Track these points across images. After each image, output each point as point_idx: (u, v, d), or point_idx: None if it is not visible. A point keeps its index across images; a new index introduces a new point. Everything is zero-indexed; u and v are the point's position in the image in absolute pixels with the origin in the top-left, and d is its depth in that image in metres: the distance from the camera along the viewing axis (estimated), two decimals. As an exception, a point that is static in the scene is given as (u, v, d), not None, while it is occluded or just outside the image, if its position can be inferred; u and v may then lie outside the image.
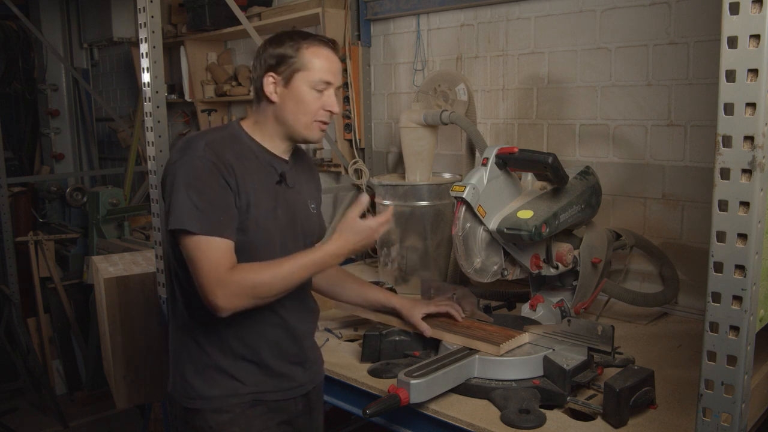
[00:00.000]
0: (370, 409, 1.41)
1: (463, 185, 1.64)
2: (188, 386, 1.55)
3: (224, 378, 1.54)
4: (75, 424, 4.15)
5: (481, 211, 1.64)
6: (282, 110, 1.55)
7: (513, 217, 1.65)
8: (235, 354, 1.54)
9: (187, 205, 1.42)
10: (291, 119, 1.55)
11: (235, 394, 1.54)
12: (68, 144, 5.84)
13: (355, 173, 3.03)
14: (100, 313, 3.01)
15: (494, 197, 1.68)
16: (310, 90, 1.53)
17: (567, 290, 1.91)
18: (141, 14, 2.22)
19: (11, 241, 4.32)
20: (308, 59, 1.52)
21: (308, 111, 1.55)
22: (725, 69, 1.00)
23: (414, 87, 2.90)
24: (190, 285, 1.49)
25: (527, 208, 1.67)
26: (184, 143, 1.51)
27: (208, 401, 1.54)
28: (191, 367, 1.55)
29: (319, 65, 1.53)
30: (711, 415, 1.07)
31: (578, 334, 1.57)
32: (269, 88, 1.54)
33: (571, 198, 1.73)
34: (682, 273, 2.18)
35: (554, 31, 2.42)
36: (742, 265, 1.01)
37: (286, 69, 1.52)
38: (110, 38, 4.98)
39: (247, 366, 1.55)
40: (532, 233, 1.59)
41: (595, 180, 1.86)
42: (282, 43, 1.54)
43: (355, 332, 2.01)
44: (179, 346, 1.59)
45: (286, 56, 1.52)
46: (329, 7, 3.00)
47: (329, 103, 1.56)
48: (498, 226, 1.65)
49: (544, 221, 1.62)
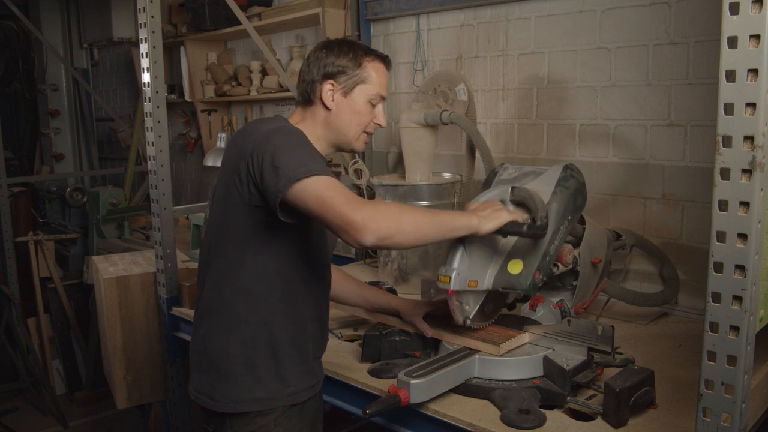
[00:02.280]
0: (370, 409, 1.41)
1: (447, 275, 1.56)
2: (229, 388, 1.52)
3: (272, 378, 1.53)
4: (75, 424, 4.15)
5: (473, 284, 1.58)
6: (336, 118, 1.59)
7: (505, 275, 1.58)
8: (284, 352, 1.54)
9: (303, 157, 1.41)
10: (344, 128, 1.60)
11: (279, 396, 1.53)
12: (68, 144, 5.84)
13: (355, 173, 3.03)
14: (100, 313, 3.01)
15: (479, 261, 1.61)
16: (366, 103, 1.59)
17: (567, 290, 1.91)
18: (141, 14, 2.22)
19: (11, 241, 4.32)
20: (370, 73, 1.59)
21: (362, 122, 1.61)
22: (725, 69, 1.00)
23: (414, 87, 2.90)
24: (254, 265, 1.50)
25: (516, 258, 1.59)
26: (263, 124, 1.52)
27: (254, 403, 1.52)
28: (234, 367, 1.53)
29: (379, 81, 1.60)
30: (711, 415, 1.07)
31: (578, 334, 1.57)
32: (327, 95, 1.57)
33: (556, 223, 1.62)
34: (682, 273, 2.18)
35: (554, 31, 2.42)
36: (742, 265, 1.01)
37: (348, 80, 1.57)
38: (110, 38, 4.98)
39: (292, 365, 1.55)
40: (528, 288, 1.55)
41: (576, 181, 1.70)
42: (345, 53, 1.58)
43: (355, 332, 2.01)
44: (218, 347, 1.55)
45: (349, 67, 1.57)
46: (329, 7, 3.00)
47: (380, 117, 1.63)
48: (492, 285, 1.60)
49: (536, 269, 1.56)
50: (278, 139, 1.44)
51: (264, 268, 1.51)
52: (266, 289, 1.52)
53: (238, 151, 1.50)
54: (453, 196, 2.53)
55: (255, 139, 1.47)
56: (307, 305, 1.58)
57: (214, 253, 1.57)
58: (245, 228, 1.50)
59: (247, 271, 1.51)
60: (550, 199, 1.63)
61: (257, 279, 1.51)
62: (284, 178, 1.38)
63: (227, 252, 1.53)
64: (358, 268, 2.92)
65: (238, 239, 1.51)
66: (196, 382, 1.60)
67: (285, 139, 1.45)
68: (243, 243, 1.51)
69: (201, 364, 1.59)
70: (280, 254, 1.51)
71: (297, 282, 1.55)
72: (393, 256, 2.49)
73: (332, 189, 1.37)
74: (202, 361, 1.59)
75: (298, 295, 1.56)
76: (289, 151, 1.42)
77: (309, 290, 1.58)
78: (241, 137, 1.53)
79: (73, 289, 4.53)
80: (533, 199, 1.56)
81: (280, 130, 1.49)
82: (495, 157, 2.49)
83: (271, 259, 1.51)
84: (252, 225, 1.49)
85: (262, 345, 1.53)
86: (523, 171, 1.77)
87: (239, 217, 1.49)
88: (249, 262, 1.51)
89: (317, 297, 1.61)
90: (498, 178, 1.80)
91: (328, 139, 1.62)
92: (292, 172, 1.37)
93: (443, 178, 2.60)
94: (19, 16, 4.34)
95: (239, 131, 1.59)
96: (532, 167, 1.78)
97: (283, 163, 1.39)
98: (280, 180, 1.38)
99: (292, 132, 1.51)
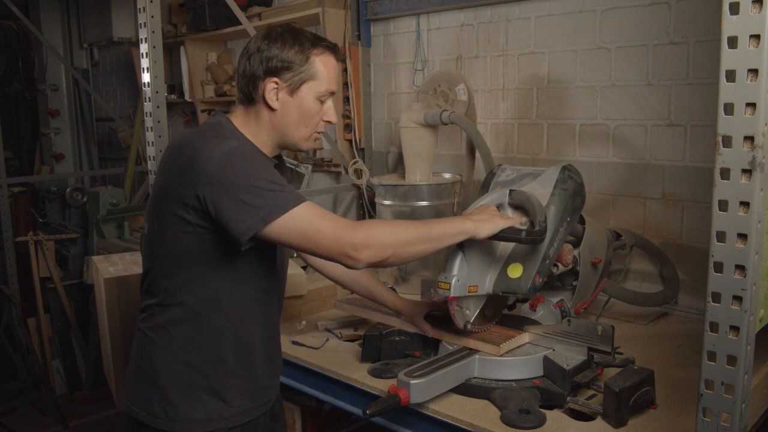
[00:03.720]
0: (370, 409, 1.41)
1: (447, 281, 1.52)
2: (168, 406, 1.43)
3: (214, 399, 1.45)
4: (75, 424, 4.15)
5: (473, 290, 1.56)
6: (283, 119, 1.46)
7: (504, 278, 1.57)
8: (231, 373, 1.47)
9: (270, 188, 1.31)
10: (291, 129, 1.47)
11: (220, 418, 1.46)
12: (68, 144, 5.83)
13: (355, 173, 3.03)
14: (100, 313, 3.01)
15: (479, 266, 1.58)
16: (315, 101, 1.46)
17: (567, 290, 1.91)
18: (141, 14, 2.22)
19: (11, 241, 4.31)
20: (319, 68, 1.44)
21: (310, 123, 1.48)
22: (725, 69, 1.00)
23: (414, 87, 2.90)
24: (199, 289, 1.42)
25: (515, 262, 1.58)
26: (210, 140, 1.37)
27: (193, 424, 1.44)
28: (174, 385, 1.44)
29: (328, 75, 1.46)
30: (711, 415, 1.07)
31: (578, 334, 1.57)
32: (271, 95, 1.44)
33: (555, 225, 1.60)
34: (682, 273, 2.18)
35: (554, 31, 2.42)
36: (742, 265, 1.01)
37: (294, 77, 1.43)
38: (110, 38, 4.98)
39: (239, 385, 1.48)
40: (528, 291, 1.54)
41: (575, 182, 1.68)
42: (290, 46, 1.43)
43: (355, 332, 2.00)
44: (159, 364, 1.45)
45: (295, 63, 1.43)
46: (329, 7, 3.00)
47: (329, 114, 1.50)
48: (493, 289, 1.59)
49: (536, 272, 1.55)
50: (237, 169, 1.31)
51: (213, 291, 1.43)
52: (214, 311, 1.44)
53: (180, 171, 1.36)
54: (453, 196, 2.53)
55: (206, 167, 1.32)
56: (259, 326, 1.50)
57: (158, 271, 1.45)
58: (190, 248, 1.39)
59: (192, 290, 1.42)
60: (548, 201, 1.61)
61: (205, 299, 1.43)
62: (256, 217, 1.29)
63: (171, 270, 1.43)
64: (358, 268, 2.92)
65: (183, 258, 1.41)
66: (132, 394, 1.50)
67: (244, 169, 1.32)
68: (189, 262, 1.41)
69: (140, 377, 1.50)
70: (232, 276, 1.41)
71: (248, 303, 1.47)
72: (393, 256, 2.49)
73: (315, 220, 1.31)
74: (141, 374, 1.49)
75: (250, 317, 1.48)
76: (253, 182, 1.30)
77: (262, 312, 1.50)
78: (184, 156, 1.37)
79: (73, 289, 4.53)
80: (531, 202, 1.55)
81: (234, 156, 1.33)
82: (495, 157, 2.49)
83: (221, 280, 1.42)
84: (199, 246, 1.39)
85: (207, 365, 1.45)
86: (521, 172, 1.76)
87: (184, 237, 1.39)
88: (195, 282, 1.42)
89: (269, 317, 1.53)
90: (496, 179, 1.79)
91: (274, 140, 1.50)
92: (264, 210, 1.29)
93: (443, 178, 2.60)
94: (19, 16, 4.34)
95: (178, 146, 1.42)
96: (530, 168, 1.77)
97: (251, 199, 1.29)
98: (251, 218, 1.29)
99: (248, 156, 1.37)
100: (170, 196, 1.38)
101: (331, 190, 3.24)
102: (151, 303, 1.48)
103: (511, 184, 1.72)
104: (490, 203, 1.60)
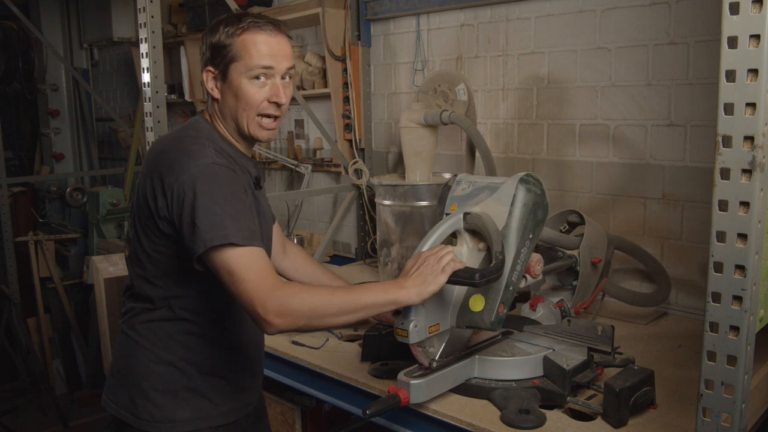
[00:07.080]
0: (370, 409, 1.41)
1: (404, 328, 1.40)
2: (152, 407, 1.42)
3: (198, 398, 1.45)
4: (75, 424, 4.15)
5: (434, 329, 1.46)
6: (225, 107, 1.43)
7: (467, 313, 1.48)
8: (215, 374, 1.47)
9: (222, 215, 1.27)
10: (237, 117, 1.42)
11: (206, 416, 1.46)
12: (68, 144, 5.83)
13: (355, 173, 3.03)
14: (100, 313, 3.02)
15: (437, 304, 1.47)
16: (249, 81, 1.38)
17: (567, 290, 1.91)
18: (141, 14, 2.22)
19: (11, 241, 4.32)
20: (240, 47, 1.37)
21: (249, 105, 1.40)
22: (725, 69, 1.00)
23: (414, 87, 2.90)
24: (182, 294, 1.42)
25: (476, 293, 1.47)
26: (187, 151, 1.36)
27: (176, 424, 1.43)
28: (159, 386, 1.43)
29: (256, 51, 1.37)
30: (711, 415, 1.07)
31: (578, 334, 1.57)
32: (209, 83, 1.42)
33: (517, 247, 1.49)
34: (682, 273, 2.18)
35: (554, 31, 2.42)
36: (742, 265, 1.02)
37: (221, 61, 1.38)
38: (110, 38, 4.97)
39: (223, 386, 1.48)
40: (491, 325, 1.45)
41: (534, 195, 1.53)
42: (219, 31, 1.38)
43: (355, 332, 2.01)
44: (143, 364, 1.45)
45: (220, 46, 1.37)
46: (329, 7, 3.00)
47: (274, 93, 1.40)
48: (456, 323, 1.49)
49: (500, 302, 1.46)
50: (200, 187, 1.29)
51: (196, 295, 1.43)
52: (197, 314, 1.44)
53: (158, 181, 1.35)
54: (453, 196, 2.52)
55: (177, 182, 1.31)
56: (242, 330, 1.51)
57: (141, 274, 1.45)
58: (170, 254, 1.40)
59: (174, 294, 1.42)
60: (506, 222, 1.49)
61: (188, 304, 1.43)
62: (199, 241, 1.27)
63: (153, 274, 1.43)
64: (358, 267, 2.92)
65: (165, 263, 1.41)
66: (114, 393, 1.49)
67: (207, 189, 1.29)
68: (170, 268, 1.41)
69: (121, 376, 1.49)
70: (213, 282, 1.35)
71: (230, 308, 1.47)
72: (393, 256, 2.49)
73: (245, 268, 1.26)
74: (123, 374, 1.48)
75: (232, 321, 1.48)
76: (209, 205, 1.28)
77: (244, 316, 1.44)
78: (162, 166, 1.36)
79: (73, 289, 4.53)
80: (487, 228, 1.45)
81: (204, 174, 1.31)
82: (495, 157, 2.49)
83: (203, 285, 1.42)
84: (178, 254, 1.38)
85: (190, 366, 1.45)
86: (477, 185, 1.61)
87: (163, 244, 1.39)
88: (177, 287, 1.42)
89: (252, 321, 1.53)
90: (451, 193, 1.65)
91: (233, 131, 1.45)
92: (207, 235, 1.26)
93: (443, 178, 2.60)
94: (19, 16, 4.34)
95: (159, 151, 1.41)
96: (486, 180, 1.62)
97: (200, 222, 1.27)
98: (196, 242, 1.28)
99: (216, 175, 1.32)
100: (149, 205, 1.38)
101: (330, 190, 3.24)
102: (134, 305, 1.49)
103: (467, 199, 1.59)
104: (444, 232, 1.50)
